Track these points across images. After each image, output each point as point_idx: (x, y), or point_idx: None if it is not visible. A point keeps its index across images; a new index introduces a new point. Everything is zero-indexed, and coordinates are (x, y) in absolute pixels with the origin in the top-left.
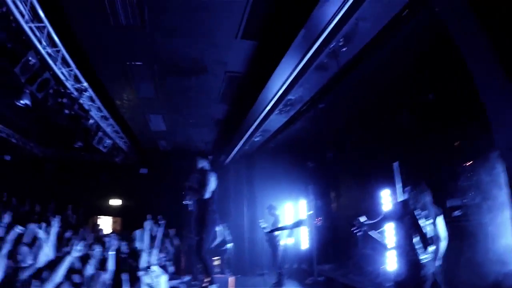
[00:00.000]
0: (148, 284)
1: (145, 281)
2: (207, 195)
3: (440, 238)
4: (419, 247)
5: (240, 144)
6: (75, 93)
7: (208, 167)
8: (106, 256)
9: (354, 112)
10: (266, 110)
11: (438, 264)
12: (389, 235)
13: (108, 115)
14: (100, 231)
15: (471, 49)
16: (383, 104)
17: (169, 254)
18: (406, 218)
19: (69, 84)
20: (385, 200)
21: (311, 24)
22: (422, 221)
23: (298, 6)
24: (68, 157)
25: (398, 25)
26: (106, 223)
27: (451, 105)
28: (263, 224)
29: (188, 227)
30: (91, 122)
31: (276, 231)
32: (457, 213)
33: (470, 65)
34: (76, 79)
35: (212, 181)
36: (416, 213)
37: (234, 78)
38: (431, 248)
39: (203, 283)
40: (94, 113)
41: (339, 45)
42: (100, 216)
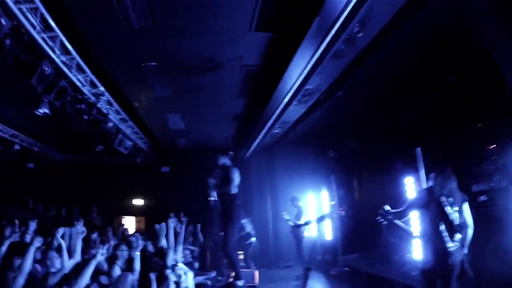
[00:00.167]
0: (176, 282)
1: (172, 279)
2: (233, 190)
3: (467, 225)
4: (445, 235)
5: (260, 137)
6: (93, 98)
7: (230, 163)
8: (133, 256)
9: (373, 98)
10: (284, 101)
11: (465, 252)
12: (414, 223)
13: (127, 117)
14: (125, 231)
15: (494, 28)
16: (403, 89)
17: (194, 250)
18: (432, 206)
19: (85, 90)
20: (409, 187)
21: (326, 11)
22: (448, 208)
23: None
24: (89, 161)
25: (416, 7)
26: (130, 223)
27: (473, 87)
28: (286, 216)
29: (212, 223)
30: (110, 125)
31: (301, 226)
32: (483, 198)
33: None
34: (92, 84)
35: (236, 176)
36: (441, 200)
37: (250, 71)
38: (458, 235)
39: (229, 278)
40: (112, 116)
41: (355, 31)
42: (124, 217)
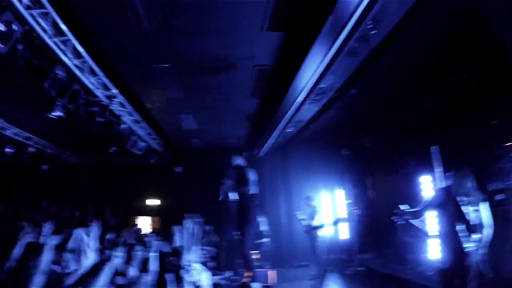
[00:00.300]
0: (191, 282)
1: (188, 279)
2: (252, 190)
3: (486, 225)
4: (463, 235)
5: (273, 136)
6: (106, 101)
7: (244, 164)
8: (148, 256)
9: (387, 95)
10: (298, 100)
11: (483, 253)
12: (430, 222)
13: (140, 119)
14: (140, 231)
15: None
16: (417, 86)
17: (210, 251)
18: (449, 205)
19: (98, 93)
20: (425, 186)
21: (339, 9)
22: (465, 208)
23: None
24: (103, 162)
25: (429, 2)
26: (145, 223)
27: (488, 83)
28: (300, 216)
29: (227, 223)
30: (123, 127)
31: (316, 228)
32: (500, 196)
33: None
34: (105, 87)
35: (252, 176)
36: (459, 199)
37: (263, 71)
38: (475, 236)
39: (244, 278)
40: (125, 118)
41: (368, 28)
42: (139, 217)
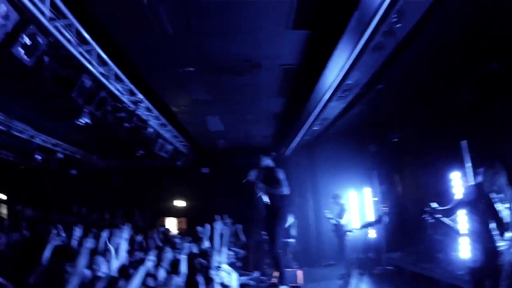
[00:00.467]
0: (221, 283)
1: (218, 280)
2: (285, 191)
3: None
4: (495, 233)
5: (300, 135)
6: (132, 106)
7: (273, 164)
8: (178, 258)
9: (414, 89)
10: (324, 98)
11: None
12: (461, 219)
13: (166, 122)
14: (169, 232)
15: None
16: (444, 79)
17: (239, 253)
18: (481, 203)
19: (125, 99)
20: (455, 182)
21: (364, 4)
22: (498, 205)
23: None
24: (131, 165)
25: None
26: (173, 224)
27: None
28: (329, 215)
29: (256, 223)
30: (150, 131)
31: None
32: None
33: None
34: (131, 93)
35: (283, 177)
36: (491, 196)
37: (289, 70)
38: (508, 234)
39: (272, 278)
40: (152, 122)
41: (392, 22)
42: (167, 218)
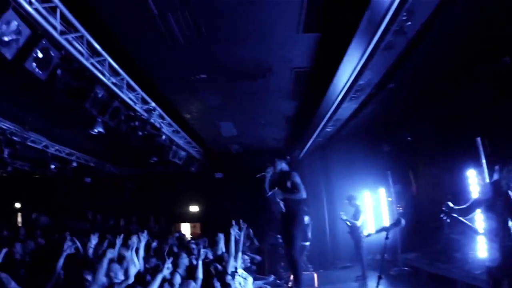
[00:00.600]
0: None
1: (234, 285)
2: (302, 195)
3: None
4: None
5: (313, 137)
6: (145, 115)
7: (288, 168)
8: (193, 263)
9: (426, 87)
10: (337, 99)
11: None
12: (478, 218)
13: (179, 129)
14: (184, 238)
15: None
16: (457, 75)
17: (255, 258)
18: (499, 201)
19: (138, 107)
20: (472, 180)
21: (375, 3)
22: None
23: None
24: (145, 172)
25: None
26: (187, 230)
27: None
28: (344, 216)
29: (271, 227)
30: (163, 138)
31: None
32: None
33: None
34: (144, 101)
35: (300, 181)
36: (509, 194)
37: (301, 73)
38: None
39: (289, 282)
40: (165, 129)
41: (403, 20)
42: (182, 224)
